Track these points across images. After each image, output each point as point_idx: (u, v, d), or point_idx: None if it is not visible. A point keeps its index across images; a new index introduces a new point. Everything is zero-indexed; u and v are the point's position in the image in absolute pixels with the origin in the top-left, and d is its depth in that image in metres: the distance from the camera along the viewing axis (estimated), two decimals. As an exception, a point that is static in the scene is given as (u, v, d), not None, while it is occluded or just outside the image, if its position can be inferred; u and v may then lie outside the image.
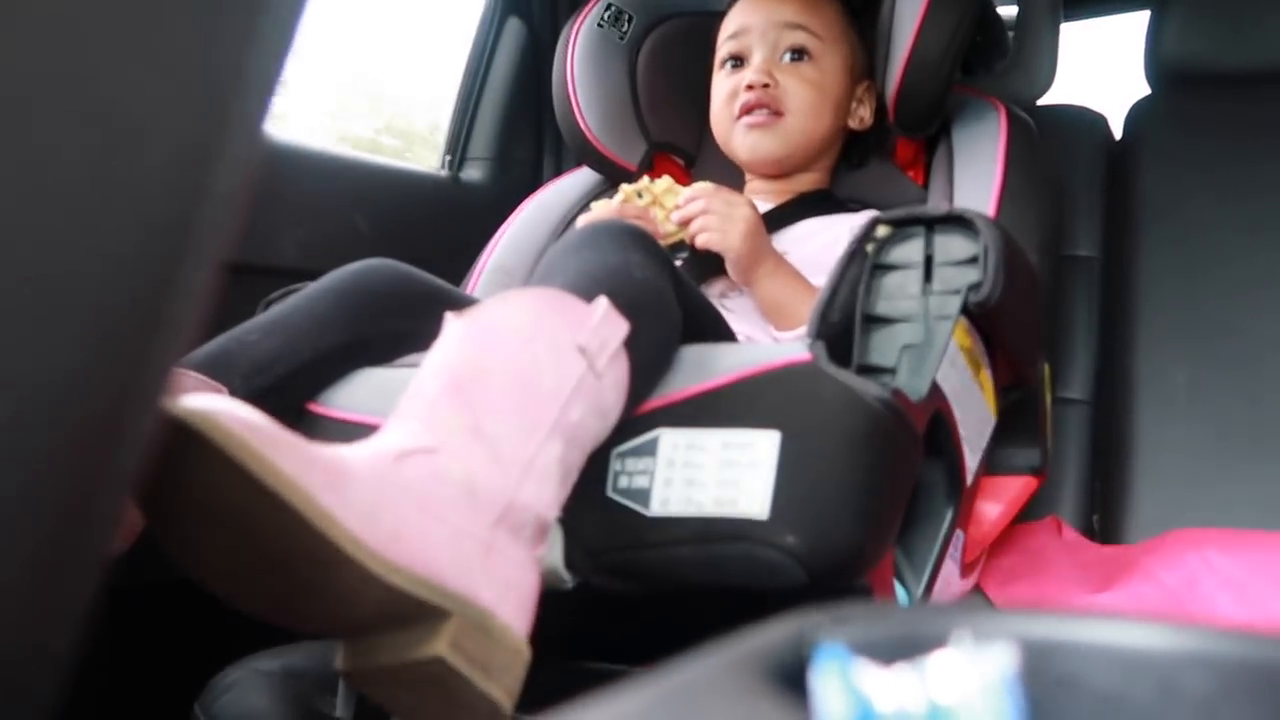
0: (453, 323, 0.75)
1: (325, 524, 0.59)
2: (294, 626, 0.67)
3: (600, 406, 0.74)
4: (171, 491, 0.59)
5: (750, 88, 1.24)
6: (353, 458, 0.64)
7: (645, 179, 1.21)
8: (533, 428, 0.70)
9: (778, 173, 1.30)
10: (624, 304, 0.77)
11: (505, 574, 0.67)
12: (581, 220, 1.20)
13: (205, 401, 0.59)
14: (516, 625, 0.68)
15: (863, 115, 1.31)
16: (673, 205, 1.16)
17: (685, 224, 1.14)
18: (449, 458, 0.67)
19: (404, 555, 0.62)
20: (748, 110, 1.25)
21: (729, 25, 1.31)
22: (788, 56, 1.26)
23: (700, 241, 1.13)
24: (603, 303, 0.76)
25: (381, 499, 0.63)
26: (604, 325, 0.75)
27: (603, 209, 1.18)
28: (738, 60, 1.29)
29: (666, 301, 0.83)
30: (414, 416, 0.69)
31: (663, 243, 1.16)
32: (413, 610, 0.63)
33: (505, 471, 0.68)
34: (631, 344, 0.76)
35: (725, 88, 1.29)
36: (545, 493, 0.70)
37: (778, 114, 1.24)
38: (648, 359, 0.79)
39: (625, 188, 1.20)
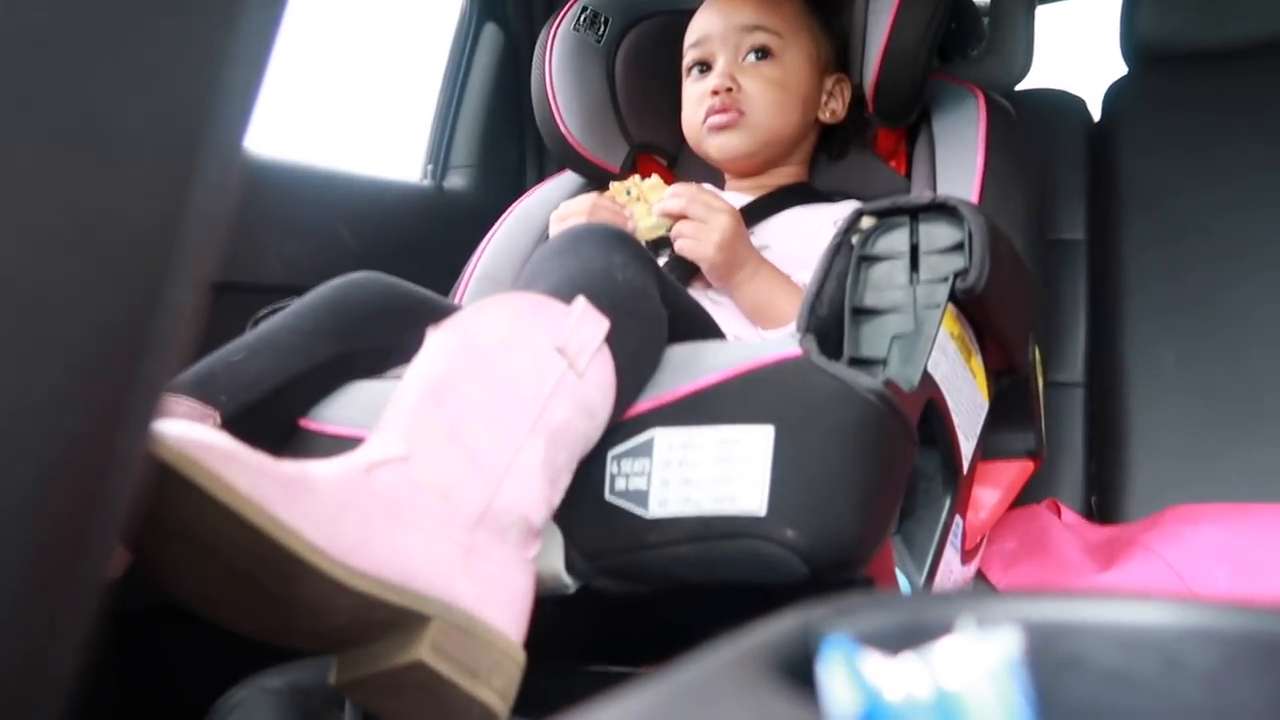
0: (432, 334, 0.75)
1: (283, 535, 0.59)
2: (281, 642, 0.66)
3: (585, 406, 0.74)
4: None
5: (715, 93, 1.25)
6: (318, 472, 0.64)
7: (635, 177, 1.21)
8: (511, 430, 0.70)
9: (751, 169, 1.30)
10: (606, 305, 0.77)
11: (489, 575, 0.67)
12: (553, 217, 1.20)
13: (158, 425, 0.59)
14: (504, 626, 0.67)
15: (834, 108, 1.31)
16: (657, 200, 1.16)
17: (669, 218, 1.14)
18: (421, 465, 0.67)
19: (371, 562, 0.62)
20: (712, 114, 1.26)
21: (692, 33, 1.32)
22: (751, 57, 1.27)
23: (676, 248, 1.13)
24: (580, 302, 0.76)
25: (346, 509, 0.63)
26: (582, 325, 0.75)
27: (573, 206, 1.18)
28: (704, 65, 1.30)
29: (650, 302, 0.83)
30: (390, 429, 0.69)
31: (645, 238, 1.17)
32: (392, 617, 0.63)
33: (483, 475, 0.68)
34: (616, 344, 0.76)
35: (693, 94, 1.30)
36: (529, 494, 0.70)
37: (742, 114, 1.25)
38: (634, 359, 0.78)
39: (614, 185, 1.21)
